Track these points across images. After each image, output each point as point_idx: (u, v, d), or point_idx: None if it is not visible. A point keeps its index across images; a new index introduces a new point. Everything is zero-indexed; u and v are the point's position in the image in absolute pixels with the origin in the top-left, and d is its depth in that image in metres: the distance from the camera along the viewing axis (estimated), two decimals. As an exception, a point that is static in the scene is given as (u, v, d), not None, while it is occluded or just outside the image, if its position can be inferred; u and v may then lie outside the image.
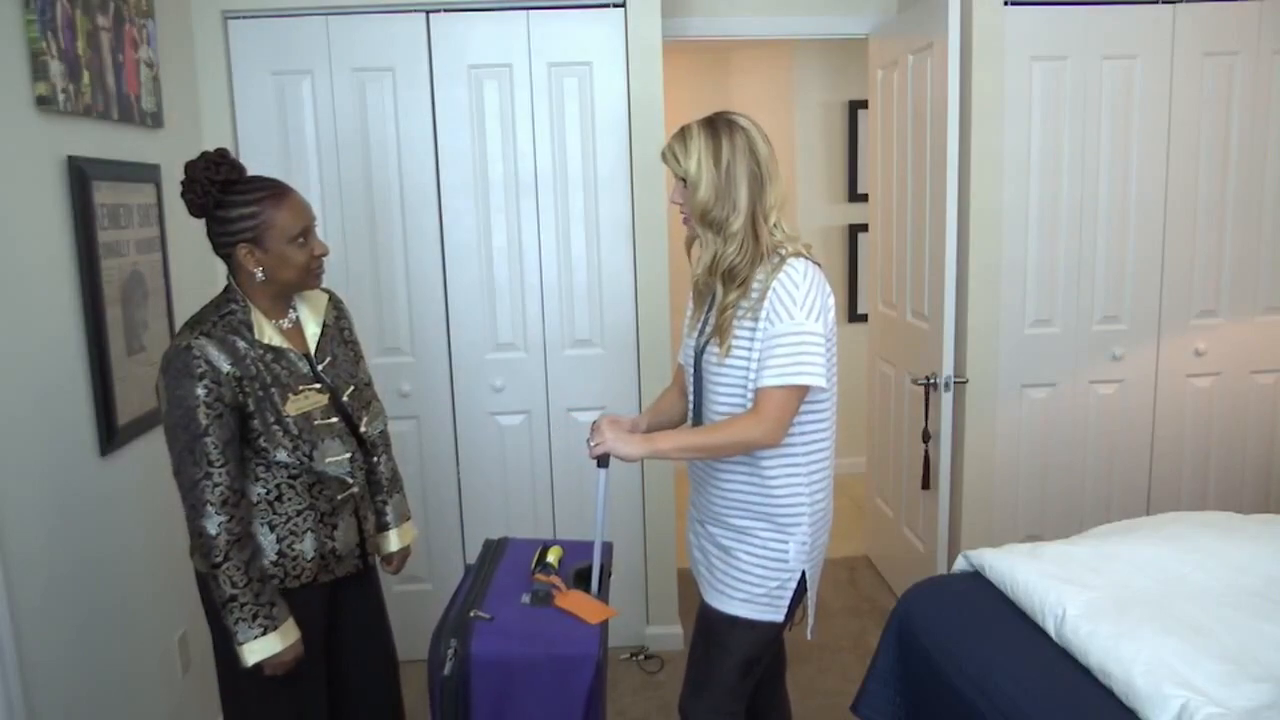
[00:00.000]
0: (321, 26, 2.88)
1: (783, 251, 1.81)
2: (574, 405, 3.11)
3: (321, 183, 2.94)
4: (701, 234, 1.84)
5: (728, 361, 1.82)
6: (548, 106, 2.96)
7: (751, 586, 1.87)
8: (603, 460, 1.83)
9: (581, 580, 1.89)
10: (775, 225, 1.82)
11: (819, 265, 1.84)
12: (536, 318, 3.06)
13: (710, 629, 1.93)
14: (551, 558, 1.92)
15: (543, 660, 1.67)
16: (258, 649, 1.67)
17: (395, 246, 2.99)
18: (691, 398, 1.96)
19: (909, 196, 3.28)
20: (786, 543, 1.85)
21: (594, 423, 1.86)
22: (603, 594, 1.88)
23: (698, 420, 1.94)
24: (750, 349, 1.79)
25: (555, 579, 1.85)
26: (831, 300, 1.82)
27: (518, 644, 1.69)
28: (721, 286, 1.84)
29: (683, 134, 1.84)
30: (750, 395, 1.80)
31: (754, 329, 1.78)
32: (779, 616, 1.89)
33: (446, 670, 1.65)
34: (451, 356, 3.06)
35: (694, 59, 4.67)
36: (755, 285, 1.79)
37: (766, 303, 1.76)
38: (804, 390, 1.77)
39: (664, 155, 1.87)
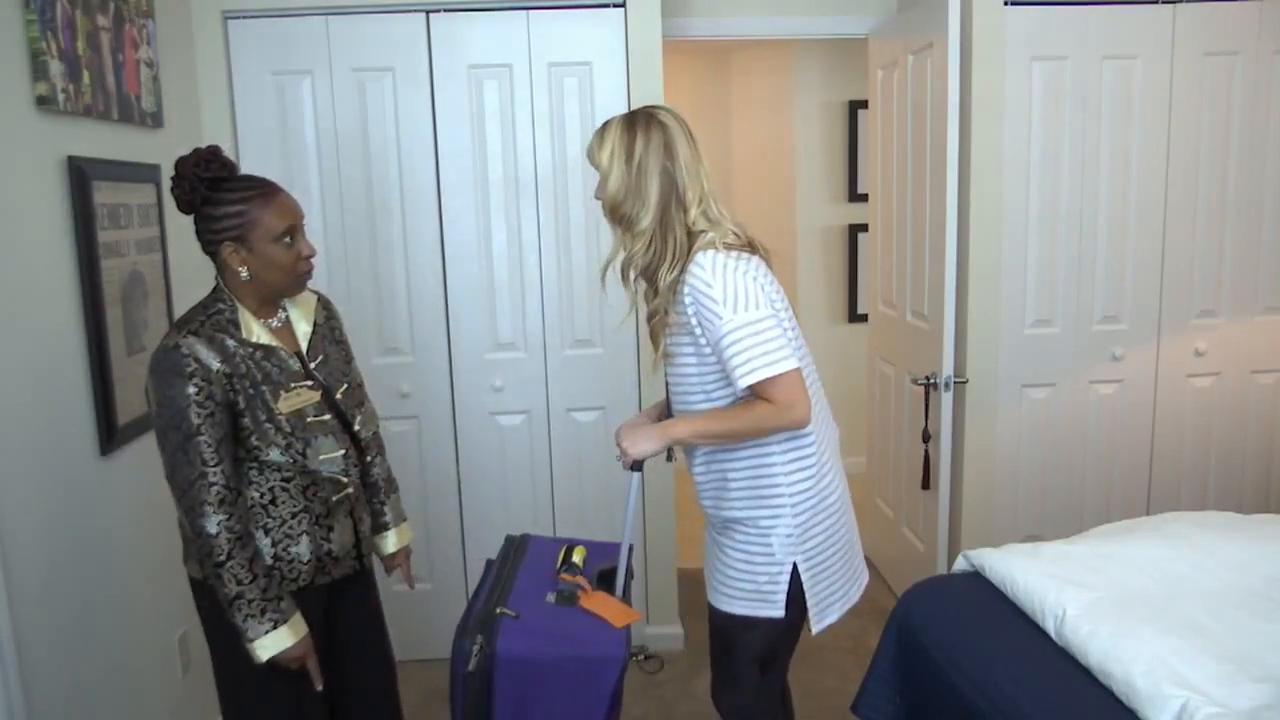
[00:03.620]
0: (321, 26, 2.88)
1: (704, 247, 1.74)
2: (574, 405, 3.11)
3: (321, 183, 2.94)
4: (612, 230, 1.83)
5: (676, 365, 1.82)
6: (548, 106, 2.96)
7: (741, 582, 1.84)
8: (635, 465, 1.81)
9: (604, 581, 1.87)
10: (697, 220, 1.77)
11: (744, 248, 1.77)
12: (536, 318, 3.06)
13: (717, 628, 1.93)
14: (576, 558, 1.90)
15: (568, 661, 1.66)
16: (269, 644, 1.65)
17: (395, 246, 2.99)
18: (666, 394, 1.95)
19: (909, 196, 3.28)
20: (769, 536, 1.81)
21: (616, 435, 1.83)
22: (626, 596, 1.87)
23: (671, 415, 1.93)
24: (700, 355, 1.77)
25: (581, 579, 1.83)
26: (751, 278, 1.72)
27: (544, 643, 1.67)
28: (648, 288, 1.82)
29: (603, 128, 1.82)
30: (713, 399, 1.80)
31: (695, 337, 1.75)
32: (776, 612, 1.84)
33: (471, 666, 1.63)
34: (451, 356, 3.06)
35: (694, 59, 4.67)
36: (681, 296, 1.74)
37: (692, 310, 1.72)
38: (797, 370, 1.71)
39: (587, 151, 1.85)
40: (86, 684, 2.03)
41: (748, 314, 1.68)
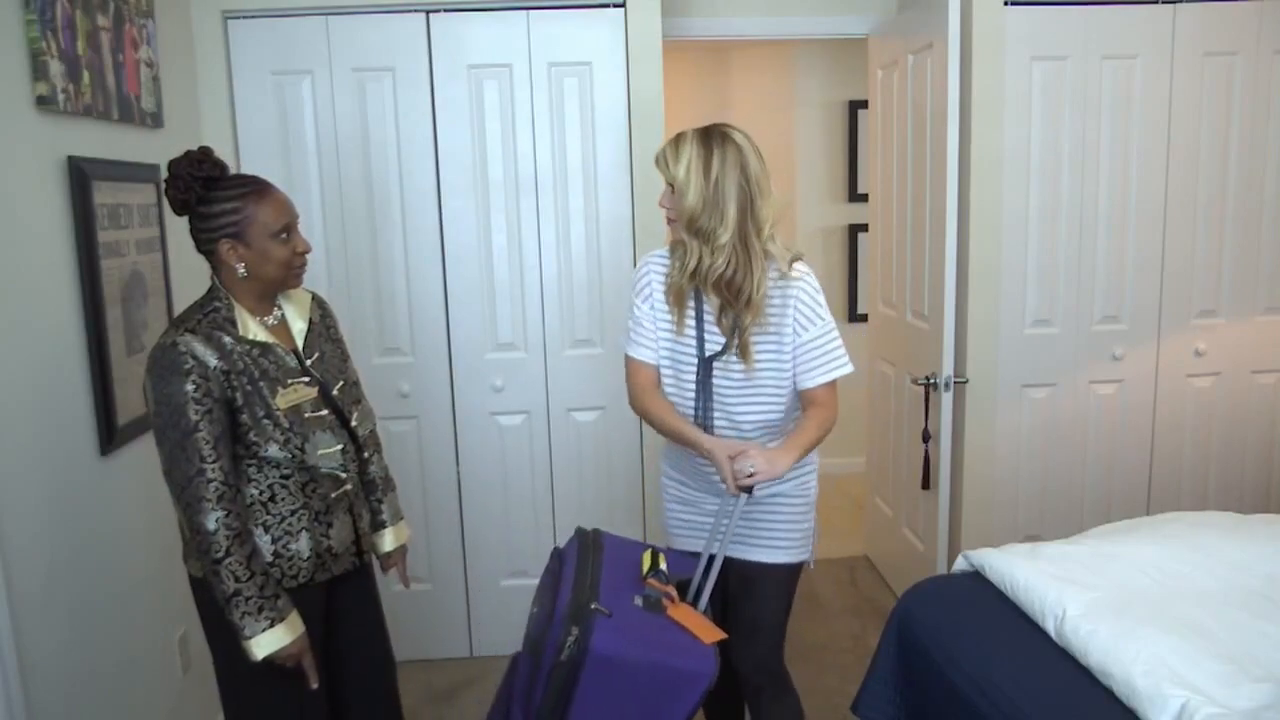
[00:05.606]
0: (321, 26, 2.88)
1: (788, 260, 1.91)
2: (574, 405, 3.11)
3: (321, 183, 2.94)
4: (688, 241, 1.88)
5: (756, 376, 1.93)
6: (548, 106, 2.96)
7: (794, 534, 2.03)
8: (748, 488, 1.83)
9: (680, 593, 1.84)
10: (769, 239, 1.89)
11: None
12: (536, 318, 3.05)
13: (760, 586, 2.04)
14: (663, 565, 1.85)
15: (659, 669, 1.62)
16: (266, 642, 1.66)
17: (395, 246, 2.99)
18: (698, 403, 1.96)
19: (909, 196, 3.28)
20: (809, 487, 2.05)
21: (739, 454, 1.81)
22: (707, 613, 1.84)
23: (708, 426, 1.96)
24: (779, 358, 1.93)
25: (670, 588, 1.79)
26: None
27: (638, 647, 1.63)
28: (718, 298, 1.90)
29: (676, 140, 1.90)
30: (783, 398, 1.95)
31: (779, 341, 1.92)
32: (808, 554, 2.08)
33: (563, 656, 1.60)
34: (451, 356, 3.06)
35: (694, 59, 4.67)
36: (773, 303, 1.90)
37: (791, 312, 1.91)
38: None
39: (656, 159, 1.92)
40: (86, 684, 2.03)
41: (831, 319, 1.95)
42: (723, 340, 1.93)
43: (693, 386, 1.95)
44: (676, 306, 1.95)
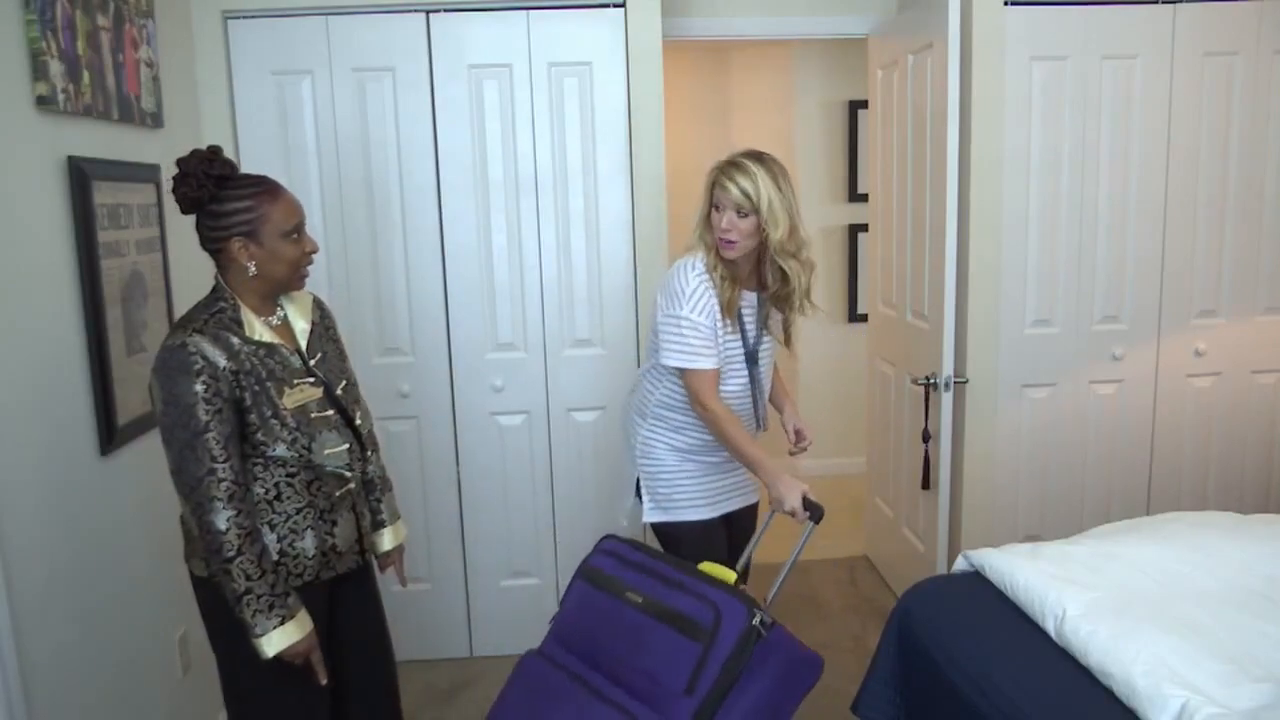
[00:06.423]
0: (321, 26, 2.88)
1: None
2: (574, 405, 3.11)
3: (321, 183, 2.94)
4: (784, 264, 2.12)
5: (770, 354, 2.28)
6: (548, 106, 2.96)
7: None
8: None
9: None
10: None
11: None
12: (536, 318, 3.06)
13: (751, 523, 2.39)
14: None
15: (804, 659, 1.78)
16: (276, 639, 1.66)
17: (395, 246, 2.99)
18: (752, 393, 2.24)
19: (909, 196, 3.28)
20: None
21: (801, 500, 2.00)
22: None
23: (758, 414, 2.27)
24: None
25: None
26: None
27: (789, 637, 1.78)
28: (774, 300, 2.20)
29: (747, 173, 2.05)
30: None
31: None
32: None
33: (758, 639, 1.69)
34: (451, 356, 3.06)
35: (694, 59, 4.67)
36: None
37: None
38: None
39: (728, 187, 2.06)
40: (86, 684, 2.03)
41: None
42: (756, 332, 2.20)
43: (746, 380, 2.20)
44: (728, 314, 2.14)
